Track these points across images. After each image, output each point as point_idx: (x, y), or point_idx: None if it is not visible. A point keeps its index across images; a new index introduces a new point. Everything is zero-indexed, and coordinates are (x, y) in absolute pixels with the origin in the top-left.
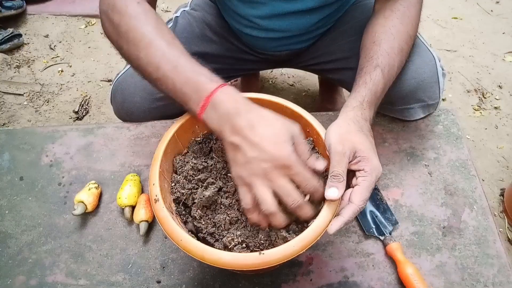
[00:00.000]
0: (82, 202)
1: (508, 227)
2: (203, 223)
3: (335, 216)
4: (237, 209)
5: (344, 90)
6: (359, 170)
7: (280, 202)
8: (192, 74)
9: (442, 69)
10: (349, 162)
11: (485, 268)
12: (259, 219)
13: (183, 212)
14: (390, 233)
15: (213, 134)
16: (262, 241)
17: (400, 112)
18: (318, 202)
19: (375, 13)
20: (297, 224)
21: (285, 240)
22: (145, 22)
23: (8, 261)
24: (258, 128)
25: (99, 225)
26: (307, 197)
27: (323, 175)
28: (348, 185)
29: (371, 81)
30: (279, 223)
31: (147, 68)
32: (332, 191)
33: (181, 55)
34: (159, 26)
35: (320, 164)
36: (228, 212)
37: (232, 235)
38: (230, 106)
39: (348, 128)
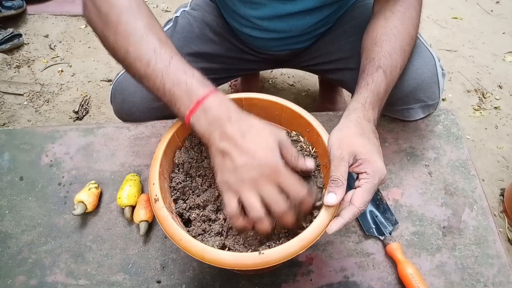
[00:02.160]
0: (82, 202)
1: (508, 227)
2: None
3: (335, 216)
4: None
5: (344, 90)
6: (361, 173)
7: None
8: (184, 75)
9: (442, 69)
10: (351, 165)
11: (485, 268)
12: (245, 224)
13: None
14: (390, 233)
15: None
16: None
17: (400, 112)
18: (308, 212)
19: (375, 15)
20: (288, 234)
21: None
22: (138, 16)
23: (8, 261)
24: (248, 136)
25: (99, 225)
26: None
27: (319, 183)
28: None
29: (373, 82)
30: (266, 228)
31: (135, 63)
32: (330, 197)
33: (174, 54)
34: (151, 22)
35: (310, 162)
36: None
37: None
38: (221, 112)
39: (349, 131)
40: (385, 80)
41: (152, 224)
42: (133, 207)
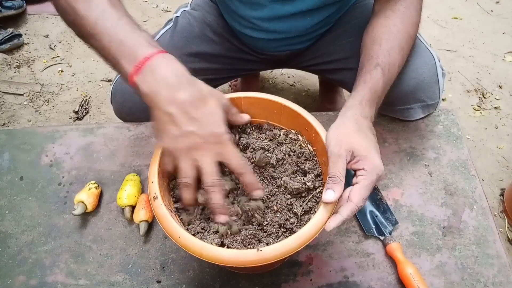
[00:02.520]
0: (82, 202)
1: (508, 227)
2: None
3: (333, 213)
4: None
5: (344, 90)
6: (359, 170)
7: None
8: (132, 34)
9: (442, 69)
10: (349, 162)
11: (485, 268)
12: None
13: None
14: (390, 233)
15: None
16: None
17: (400, 112)
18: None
19: (375, 13)
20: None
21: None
22: None
23: (8, 261)
24: (197, 104)
25: (99, 225)
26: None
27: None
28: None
29: (370, 80)
30: (188, 196)
31: (82, 21)
32: (329, 194)
33: (123, 15)
34: None
35: (245, 116)
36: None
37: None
38: (170, 73)
39: (346, 128)
40: (383, 78)
41: (152, 224)
42: (133, 207)
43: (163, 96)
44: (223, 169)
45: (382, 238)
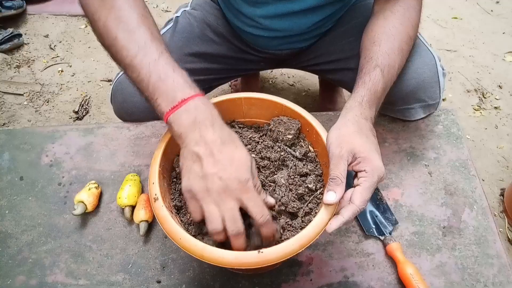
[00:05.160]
0: (82, 202)
1: (508, 227)
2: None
3: (334, 215)
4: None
5: (344, 90)
6: (360, 171)
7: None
8: (172, 73)
9: (443, 69)
10: (350, 164)
11: (485, 268)
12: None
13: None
14: (390, 233)
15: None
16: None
17: (400, 112)
18: (267, 241)
19: (374, 14)
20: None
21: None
22: (133, 5)
23: (8, 261)
24: (226, 148)
25: (99, 225)
26: None
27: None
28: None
29: (370, 81)
30: (221, 239)
31: (122, 51)
32: (330, 195)
33: (164, 51)
34: (145, 15)
35: (271, 200)
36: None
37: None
38: (205, 116)
39: (347, 130)
40: (383, 79)
41: (152, 224)
42: (133, 207)
43: (194, 136)
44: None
45: (382, 238)
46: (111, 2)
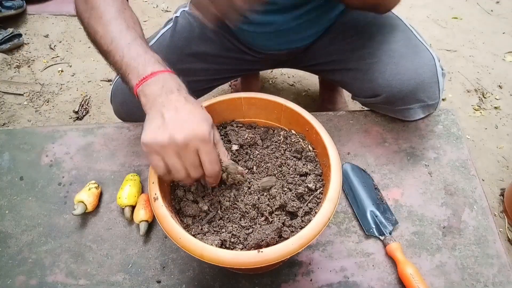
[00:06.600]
0: (82, 202)
1: (508, 227)
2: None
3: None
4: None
5: (344, 90)
6: None
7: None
8: (144, 53)
9: (442, 69)
10: None
11: (485, 268)
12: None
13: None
14: (390, 233)
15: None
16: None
17: (400, 112)
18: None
19: None
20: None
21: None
22: (110, 2)
23: (8, 261)
24: (189, 105)
25: (99, 225)
26: None
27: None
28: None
29: None
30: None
31: (101, 40)
32: None
33: (138, 37)
34: (123, 10)
35: (226, 154)
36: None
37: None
38: (173, 86)
39: None
40: None
41: (152, 224)
42: (133, 207)
43: (161, 100)
44: None
45: (382, 238)
46: (92, 2)
